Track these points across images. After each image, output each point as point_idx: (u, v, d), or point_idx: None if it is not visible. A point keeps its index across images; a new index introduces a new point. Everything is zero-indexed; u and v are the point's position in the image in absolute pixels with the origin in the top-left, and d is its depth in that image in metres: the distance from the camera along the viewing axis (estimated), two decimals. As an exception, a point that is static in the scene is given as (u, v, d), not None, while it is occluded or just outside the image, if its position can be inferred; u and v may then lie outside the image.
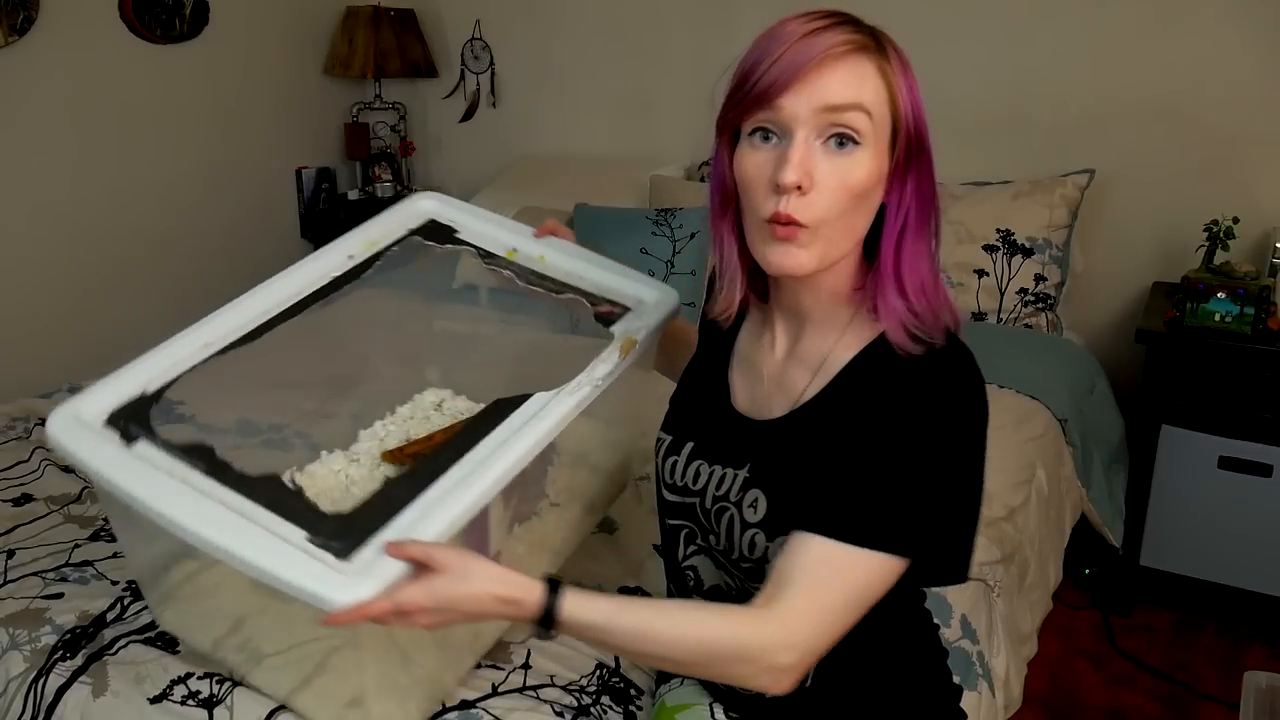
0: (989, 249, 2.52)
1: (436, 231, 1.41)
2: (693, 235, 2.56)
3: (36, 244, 2.72)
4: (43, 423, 2.00)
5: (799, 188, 0.91)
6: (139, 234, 2.96)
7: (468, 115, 3.45)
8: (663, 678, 1.29)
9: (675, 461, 1.11)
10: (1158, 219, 2.61)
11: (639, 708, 1.27)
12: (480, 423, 1.10)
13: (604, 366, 1.18)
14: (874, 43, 0.93)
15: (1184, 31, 2.49)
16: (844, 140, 0.91)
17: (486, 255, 1.37)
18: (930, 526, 0.92)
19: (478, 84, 3.42)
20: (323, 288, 1.28)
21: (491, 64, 3.39)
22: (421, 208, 1.43)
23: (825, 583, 0.90)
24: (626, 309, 1.29)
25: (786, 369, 1.05)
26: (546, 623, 0.91)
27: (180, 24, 2.95)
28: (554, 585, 0.92)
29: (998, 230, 2.52)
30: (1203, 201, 2.49)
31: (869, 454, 0.93)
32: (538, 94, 3.35)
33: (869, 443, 0.93)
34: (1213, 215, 2.39)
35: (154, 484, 1.01)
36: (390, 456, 1.42)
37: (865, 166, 0.92)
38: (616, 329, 1.25)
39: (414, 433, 1.49)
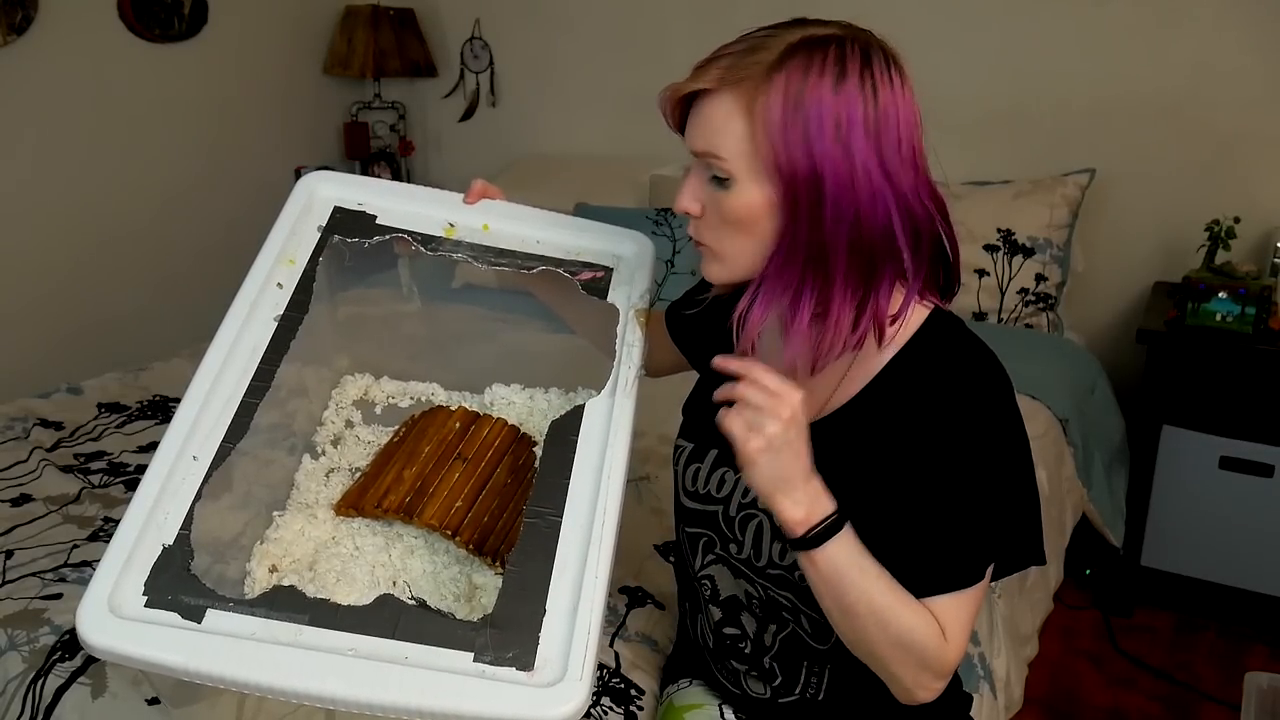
0: (989, 249, 2.52)
1: (352, 220, 1.19)
2: (693, 235, 2.55)
3: (35, 243, 2.71)
4: (42, 423, 2.02)
5: (689, 213, 0.98)
6: (138, 233, 2.95)
7: (467, 115, 3.45)
8: (668, 678, 1.28)
9: (698, 469, 1.10)
10: (1159, 218, 2.60)
11: (639, 708, 1.26)
12: (553, 451, 1.02)
13: (637, 350, 1.11)
14: (760, 75, 0.89)
15: (1185, 31, 2.48)
16: (714, 177, 0.94)
17: (428, 241, 1.18)
18: (1013, 527, 0.98)
19: (477, 83, 3.41)
20: (278, 335, 1.09)
21: (491, 63, 3.38)
22: (321, 195, 1.21)
23: (966, 621, 0.96)
24: (608, 269, 1.20)
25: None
26: (824, 534, 0.90)
27: (179, 23, 2.95)
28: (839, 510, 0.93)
29: (998, 230, 2.52)
30: (1204, 201, 2.49)
31: (941, 481, 0.94)
32: (538, 93, 3.35)
33: (935, 467, 0.94)
34: (1214, 215, 2.38)
35: (270, 664, 0.85)
36: (344, 510, 1.15)
37: (738, 199, 0.93)
38: (616, 300, 1.16)
39: (353, 460, 1.24)
